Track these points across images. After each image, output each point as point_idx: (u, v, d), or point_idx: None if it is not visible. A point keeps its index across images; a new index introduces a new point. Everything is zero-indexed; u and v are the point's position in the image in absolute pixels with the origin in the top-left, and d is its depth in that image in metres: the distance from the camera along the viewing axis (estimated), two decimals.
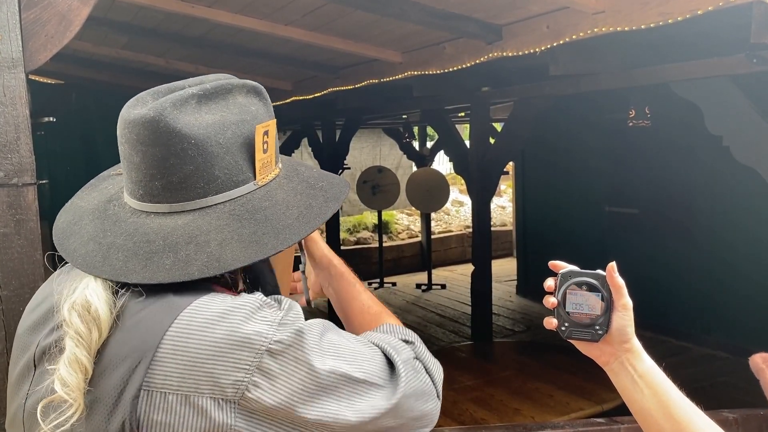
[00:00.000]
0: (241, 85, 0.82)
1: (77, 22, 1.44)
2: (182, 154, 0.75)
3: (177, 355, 0.69)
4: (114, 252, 0.76)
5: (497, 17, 2.95)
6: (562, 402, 3.86)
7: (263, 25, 3.33)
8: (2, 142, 1.37)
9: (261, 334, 0.70)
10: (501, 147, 5.43)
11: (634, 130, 5.96)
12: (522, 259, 8.53)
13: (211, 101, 0.79)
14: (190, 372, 0.68)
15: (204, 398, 0.68)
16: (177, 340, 0.69)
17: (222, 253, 0.74)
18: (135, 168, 0.78)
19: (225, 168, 0.78)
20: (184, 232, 0.76)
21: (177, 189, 0.77)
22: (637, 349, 0.87)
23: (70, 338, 0.71)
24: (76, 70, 5.16)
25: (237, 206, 0.78)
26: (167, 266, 0.73)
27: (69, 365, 0.70)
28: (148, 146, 0.75)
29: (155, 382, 0.68)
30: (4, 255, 1.38)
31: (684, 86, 3.29)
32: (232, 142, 0.78)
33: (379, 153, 12.68)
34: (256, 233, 0.77)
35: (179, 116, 0.75)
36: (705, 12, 2.16)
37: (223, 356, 0.69)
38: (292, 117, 6.99)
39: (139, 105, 0.78)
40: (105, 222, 0.81)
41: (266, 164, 0.82)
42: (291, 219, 0.80)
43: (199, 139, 0.76)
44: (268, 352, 0.70)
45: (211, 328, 0.70)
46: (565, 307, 0.88)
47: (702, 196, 5.97)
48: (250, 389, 0.69)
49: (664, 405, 0.84)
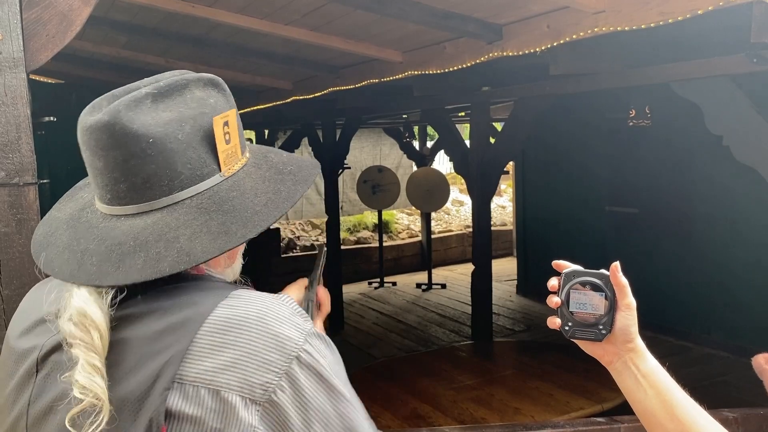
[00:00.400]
0: (197, 78, 0.83)
1: (78, 21, 1.44)
2: (142, 155, 0.76)
3: (213, 350, 0.70)
4: (88, 258, 0.77)
5: (497, 17, 2.95)
6: (563, 401, 3.86)
7: (264, 24, 3.32)
8: (3, 141, 1.37)
9: (292, 340, 0.72)
10: (501, 146, 5.43)
11: (635, 129, 5.97)
12: (522, 259, 8.53)
13: (167, 98, 0.79)
14: (223, 368, 0.70)
15: (233, 395, 0.69)
16: (213, 335, 0.71)
17: (192, 246, 0.75)
18: (99, 173, 0.79)
19: (188, 163, 0.78)
20: (153, 231, 0.77)
21: (142, 189, 0.77)
22: (640, 348, 0.87)
23: (78, 348, 0.73)
24: (76, 70, 5.16)
25: (204, 200, 0.79)
26: (139, 266, 0.74)
27: (85, 371, 0.71)
28: (107, 150, 0.76)
29: (188, 375, 0.70)
30: (6, 254, 1.39)
31: (684, 86, 3.29)
32: (192, 136, 0.79)
33: (380, 152, 12.68)
34: (225, 224, 0.77)
35: (135, 117, 0.76)
36: (705, 11, 2.16)
37: (256, 355, 0.71)
38: (292, 116, 6.98)
39: (95, 110, 0.78)
40: (78, 230, 0.82)
41: (231, 155, 0.82)
42: (259, 206, 0.80)
43: (158, 137, 0.76)
44: (297, 360, 0.72)
45: (247, 326, 0.72)
46: (568, 307, 0.88)
47: (702, 195, 5.97)
48: (276, 392, 0.70)
49: (668, 405, 0.84)
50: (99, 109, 0.78)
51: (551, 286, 0.90)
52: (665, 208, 6.30)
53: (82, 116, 0.79)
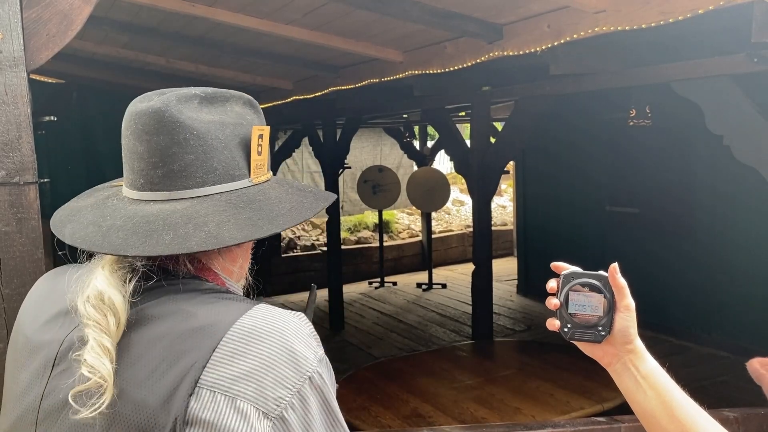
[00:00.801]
0: (239, 96, 0.89)
1: (78, 21, 1.44)
2: (184, 144, 0.81)
3: (234, 359, 0.71)
4: (114, 232, 0.80)
5: (498, 16, 2.95)
6: (563, 401, 3.86)
7: (264, 24, 3.33)
8: (4, 140, 1.37)
9: (308, 360, 0.74)
10: (502, 146, 5.43)
11: (635, 129, 5.96)
12: (522, 259, 8.53)
13: (211, 104, 0.85)
14: (242, 377, 0.71)
15: (249, 405, 0.70)
16: (236, 343, 0.72)
17: (219, 231, 0.78)
18: (138, 157, 0.83)
19: (223, 161, 0.83)
20: (183, 215, 0.80)
21: (177, 177, 0.81)
22: (640, 349, 0.87)
23: (91, 328, 0.74)
24: (76, 69, 5.16)
25: (233, 197, 0.83)
26: (167, 241, 0.77)
27: (94, 352, 0.73)
28: (152, 135, 0.81)
29: (207, 380, 0.70)
30: (6, 253, 1.39)
31: (685, 85, 3.29)
32: (230, 139, 0.84)
33: (380, 152, 12.68)
34: (251, 218, 0.81)
35: (183, 110, 0.81)
36: (706, 11, 2.16)
37: (273, 369, 0.71)
38: (292, 116, 6.98)
39: (145, 100, 0.84)
40: (105, 210, 0.85)
41: (260, 166, 0.88)
42: (284, 210, 0.85)
43: (201, 131, 0.82)
44: (309, 380, 0.73)
45: (268, 338, 0.73)
46: (567, 309, 0.88)
47: (703, 195, 5.97)
48: (288, 410, 0.71)
49: (668, 406, 0.84)
50: (150, 99, 0.83)
51: (550, 288, 0.90)
52: (666, 208, 6.30)
53: (132, 104, 0.84)
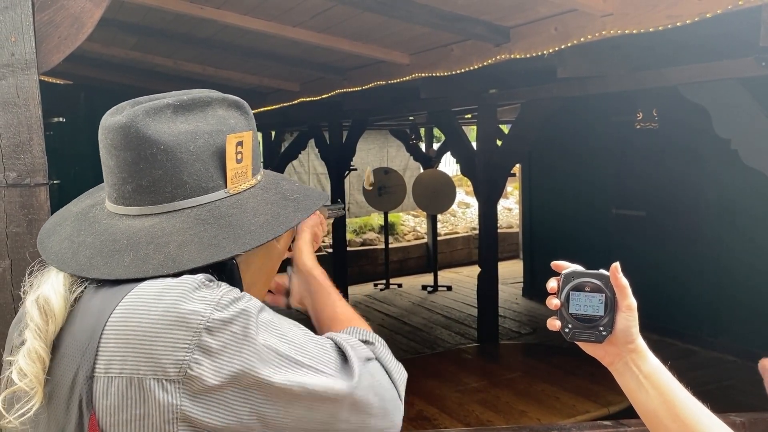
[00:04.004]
0: (222, 98, 0.86)
1: (90, 23, 1.45)
2: (151, 159, 0.80)
3: (118, 338, 0.71)
4: (83, 249, 0.81)
5: (505, 19, 2.96)
6: (569, 404, 3.85)
7: (271, 26, 3.34)
8: (15, 142, 1.39)
9: (197, 313, 0.71)
10: (508, 149, 5.43)
11: (642, 132, 5.94)
12: (528, 261, 8.51)
13: (187, 112, 0.82)
14: (130, 354, 0.70)
15: (147, 380, 0.69)
16: (117, 323, 0.72)
17: (179, 253, 0.78)
18: (110, 172, 0.83)
19: (194, 174, 0.81)
20: (147, 234, 0.80)
21: (146, 192, 0.81)
22: (642, 349, 0.86)
23: (30, 330, 0.75)
24: (85, 71, 5.19)
25: (203, 211, 0.82)
26: (126, 263, 0.77)
27: (28, 356, 0.74)
28: (120, 150, 0.81)
29: (100, 368, 0.71)
30: (17, 254, 1.40)
31: (692, 89, 3.28)
32: (203, 150, 0.82)
33: (387, 154, 12.69)
34: (216, 237, 0.80)
35: (151, 123, 0.80)
36: (714, 15, 2.15)
37: (160, 336, 0.70)
38: (299, 118, 7.00)
39: (117, 113, 0.83)
40: (82, 223, 0.86)
41: (239, 174, 0.85)
42: (255, 226, 0.83)
43: (169, 145, 0.80)
44: (207, 330, 0.70)
45: (147, 308, 0.72)
46: (568, 309, 0.87)
47: (710, 199, 5.95)
48: (192, 367, 0.69)
49: (671, 405, 0.83)
50: (120, 112, 0.82)
51: (550, 288, 0.89)
52: (672, 212, 6.28)
53: (105, 117, 0.83)
